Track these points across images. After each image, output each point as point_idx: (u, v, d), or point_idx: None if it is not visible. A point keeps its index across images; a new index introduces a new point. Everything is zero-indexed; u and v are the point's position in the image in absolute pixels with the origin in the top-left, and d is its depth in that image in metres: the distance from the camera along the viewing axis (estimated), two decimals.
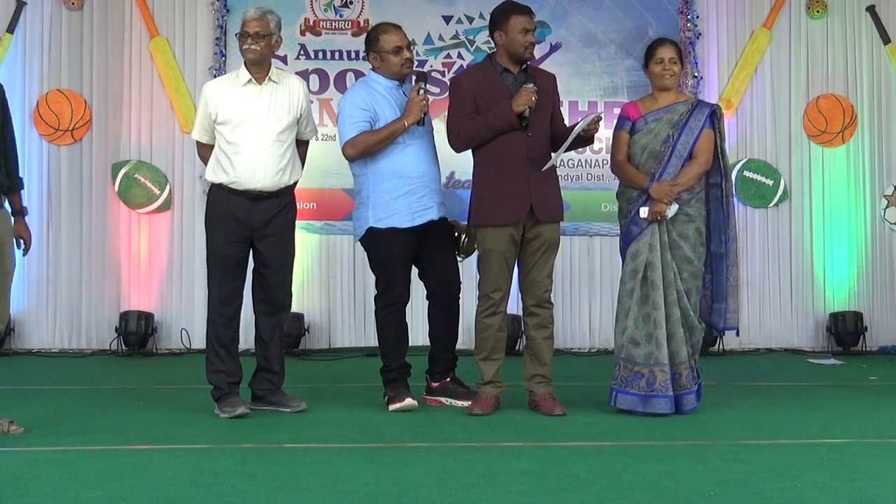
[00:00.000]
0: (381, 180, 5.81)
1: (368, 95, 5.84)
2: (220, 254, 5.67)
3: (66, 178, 8.84)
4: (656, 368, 5.56)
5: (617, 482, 4.08)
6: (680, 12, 9.16)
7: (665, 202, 5.58)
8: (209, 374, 5.71)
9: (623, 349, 5.61)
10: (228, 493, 3.90)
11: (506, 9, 5.73)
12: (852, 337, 9.00)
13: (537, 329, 5.74)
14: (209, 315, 5.74)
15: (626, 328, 5.62)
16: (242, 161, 5.63)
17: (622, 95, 8.83)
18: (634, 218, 5.66)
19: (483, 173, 5.68)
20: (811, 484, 4.04)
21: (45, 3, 8.87)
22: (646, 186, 5.61)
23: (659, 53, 5.73)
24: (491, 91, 5.64)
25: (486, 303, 5.69)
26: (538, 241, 5.67)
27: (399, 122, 5.73)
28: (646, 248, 5.61)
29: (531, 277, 5.72)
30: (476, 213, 5.72)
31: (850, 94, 9.31)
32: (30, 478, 4.12)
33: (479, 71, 5.83)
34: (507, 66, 5.70)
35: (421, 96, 5.74)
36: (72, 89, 8.87)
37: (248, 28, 5.69)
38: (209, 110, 5.70)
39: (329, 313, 8.97)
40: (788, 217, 9.25)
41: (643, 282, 5.60)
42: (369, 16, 8.95)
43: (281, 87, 5.79)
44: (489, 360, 5.73)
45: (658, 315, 5.57)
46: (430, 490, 3.94)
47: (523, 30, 5.64)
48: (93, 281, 8.83)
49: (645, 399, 5.56)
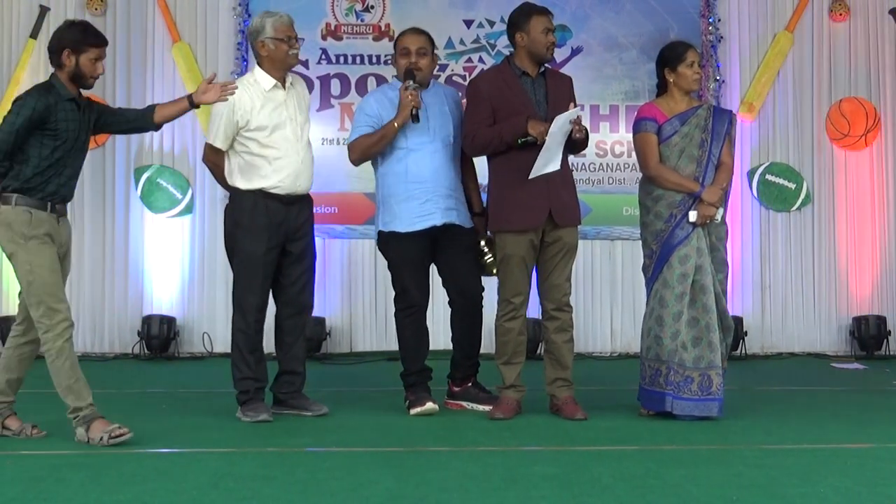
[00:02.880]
0: (387, 185, 5.84)
1: (377, 102, 5.87)
2: (259, 260, 5.64)
3: (89, 182, 8.87)
4: (711, 372, 5.53)
5: (639, 487, 4.07)
6: (701, 15, 9.13)
7: (717, 206, 5.58)
8: (237, 381, 5.69)
9: (676, 354, 5.56)
10: (250, 496, 3.91)
11: (526, 10, 5.72)
12: (875, 341, 8.96)
13: (557, 333, 5.73)
14: (241, 322, 5.68)
15: (678, 332, 5.56)
16: (285, 165, 5.64)
17: (643, 99, 8.78)
18: (681, 222, 5.61)
19: (501, 179, 5.66)
20: (834, 489, 4.02)
21: (69, 9, 8.90)
22: (697, 191, 5.59)
23: (689, 57, 5.70)
24: (509, 96, 5.63)
25: (506, 307, 5.68)
26: (557, 245, 5.66)
27: (389, 124, 5.73)
28: (694, 252, 5.57)
29: (551, 281, 5.70)
30: (495, 219, 5.71)
31: (873, 96, 9.26)
32: (52, 481, 4.14)
33: (496, 74, 5.81)
34: (526, 70, 5.69)
35: (407, 94, 5.69)
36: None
37: (292, 32, 5.72)
38: (236, 118, 5.62)
39: (350, 317, 8.98)
40: (811, 221, 9.21)
41: (691, 286, 5.58)
42: (390, 20, 8.97)
43: (297, 89, 5.84)
44: (510, 364, 5.72)
45: (710, 319, 5.54)
46: (451, 494, 3.94)
47: (545, 30, 5.63)
48: (115, 285, 8.86)
49: (701, 403, 5.54)
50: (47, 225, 4.99)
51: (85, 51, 5.02)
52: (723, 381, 5.56)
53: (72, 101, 5.04)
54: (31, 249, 4.93)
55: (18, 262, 4.96)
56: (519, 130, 5.50)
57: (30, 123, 4.91)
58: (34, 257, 4.93)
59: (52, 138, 4.97)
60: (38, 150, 4.97)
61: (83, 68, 5.03)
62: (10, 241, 4.97)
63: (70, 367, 4.93)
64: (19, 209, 4.95)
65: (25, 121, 4.90)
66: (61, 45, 5.04)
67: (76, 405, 4.95)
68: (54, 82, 5.05)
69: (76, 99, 5.08)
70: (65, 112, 5.00)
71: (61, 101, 4.99)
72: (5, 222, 4.96)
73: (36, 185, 4.97)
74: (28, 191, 4.96)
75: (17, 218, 4.94)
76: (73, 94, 5.07)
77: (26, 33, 8.89)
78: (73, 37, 5.05)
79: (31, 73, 8.84)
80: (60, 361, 4.91)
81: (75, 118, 5.05)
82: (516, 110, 5.58)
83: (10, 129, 4.92)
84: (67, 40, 5.03)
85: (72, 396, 4.95)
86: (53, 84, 5.04)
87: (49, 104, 4.94)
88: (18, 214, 4.95)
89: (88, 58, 5.03)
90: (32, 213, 4.96)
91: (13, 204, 4.96)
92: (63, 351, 4.91)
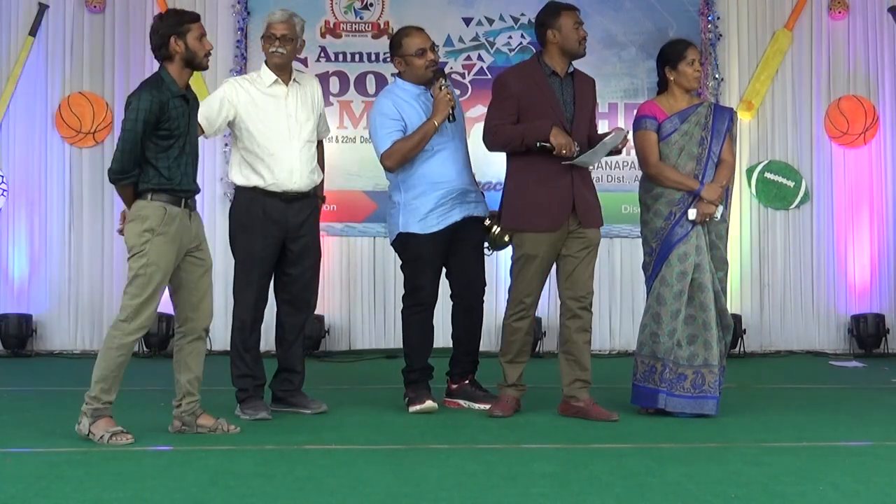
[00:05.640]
0: (412, 187, 5.80)
1: (394, 104, 5.80)
2: (258, 256, 5.66)
3: (88, 180, 8.89)
4: (705, 370, 5.55)
5: (638, 485, 4.07)
6: (700, 13, 9.13)
7: (716, 204, 5.58)
8: (235, 379, 5.72)
9: (672, 352, 5.57)
10: (249, 494, 3.92)
11: (554, 8, 5.67)
12: (874, 339, 8.96)
13: (579, 332, 5.66)
14: (239, 319, 5.72)
15: (675, 330, 5.57)
16: (279, 163, 5.64)
17: (642, 97, 8.79)
18: (681, 220, 5.62)
19: (524, 177, 5.60)
20: (833, 487, 4.03)
21: (68, 6, 8.92)
22: (697, 189, 5.59)
23: (690, 55, 5.70)
24: (537, 95, 5.57)
25: (517, 307, 5.64)
26: (582, 242, 5.60)
27: (429, 123, 5.68)
28: (693, 250, 5.58)
29: (575, 276, 5.61)
30: (515, 217, 5.63)
31: (872, 95, 9.26)
32: (52, 478, 4.14)
33: (527, 71, 5.71)
34: (556, 69, 5.62)
35: (444, 92, 5.69)
36: (94, 92, 8.92)
37: (276, 31, 5.70)
38: (223, 108, 5.66)
39: (349, 315, 8.98)
40: (810, 219, 9.21)
41: (689, 283, 5.59)
42: (389, 18, 8.97)
43: (303, 87, 5.82)
44: (514, 364, 5.70)
45: (708, 316, 5.55)
46: (450, 492, 3.95)
47: (576, 24, 5.60)
48: (114, 282, 8.85)
49: (694, 400, 5.56)
50: (178, 222, 4.99)
51: (189, 30, 5.00)
52: (717, 379, 5.58)
53: (181, 97, 5.03)
54: (156, 245, 4.93)
55: (137, 254, 4.95)
56: (542, 135, 5.45)
57: (146, 125, 4.89)
58: (155, 255, 4.93)
59: (167, 138, 4.95)
60: (158, 150, 4.95)
61: (193, 48, 5.00)
62: (137, 234, 4.95)
63: (119, 364, 4.96)
64: (155, 204, 4.96)
65: (144, 124, 4.88)
66: (165, 34, 5.00)
67: (99, 395, 4.95)
68: (164, 76, 5.02)
69: (184, 94, 5.06)
70: (175, 109, 4.97)
71: (172, 98, 4.97)
72: (140, 216, 4.96)
73: (165, 183, 4.96)
74: (161, 189, 4.97)
75: (152, 213, 4.95)
76: (182, 89, 5.04)
77: (25, 31, 8.89)
78: (172, 21, 5.04)
79: (30, 70, 8.85)
80: (116, 353, 4.95)
81: (185, 113, 5.03)
82: (543, 111, 5.53)
83: (134, 139, 4.90)
84: (168, 27, 5.01)
85: (101, 386, 4.95)
86: (163, 79, 5.01)
87: (162, 101, 4.91)
88: (154, 209, 4.95)
89: (194, 36, 5.01)
90: (167, 208, 4.97)
91: (149, 199, 4.97)
92: (124, 347, 4.96)
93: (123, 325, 4.98)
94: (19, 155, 8.91)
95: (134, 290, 4.97)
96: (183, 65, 5.02)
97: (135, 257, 4.97)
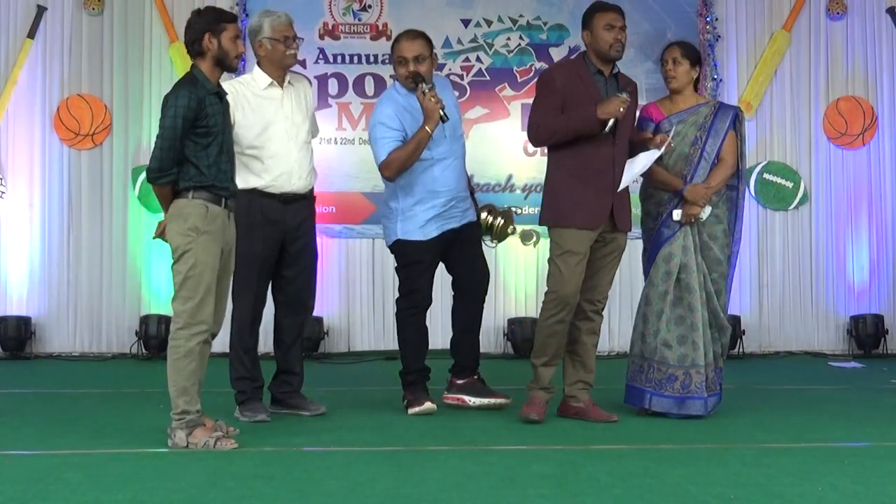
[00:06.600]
0: (410, 196, 5.79)
1: (395, 111, 5.77)
2: (257, 257, 5.64)
3: (87, 182, 8.88)
4: (692, 370, 5.55)
5: (637, 486, 4.07)
6: (699, 15, 9.13)
7: (700, 204, 5.57)
8: (234, 381, 5.72)
9: (657, 352, 5.59)
10: (248, 496, 3.92)
11: (592, 8, 5.59)
12: (873, 340, 8.97)
13: (589, 335, 5.65)
14: (238, 321, 5.70)
15: (658, 330, 5.59)
16: (278, 165, 5.63)
17: (641, 98, 8.75)
18: (666, 220, 5.63)
19: (567, 175, 5.50)
20: (831, 487, 4.03)
21: (66, 9, 8.91)
22: (680, 189, 5.59)
23: (664, 56, 5.76)
24: (582, 91, 5.48)
25: (560, 307, 5.45)
26: (612, 246, 5.58)
27: (423, 131, 5.65)
28: (679, 250, 5.59)
29: (596, 280, 5.58)
30: (558, 213, 5.52)
31: (870, 95, 9.26)
32: (51, 481, 4.14)
33: (572, 68, 5.65)
34: (600, 68, 5.57)
35: (428, 97, 5.63)
36: (92, 94, 8.91)
37: (290, 32, 5.70)
38: None
39: (348, 317, 8.97)
40: (809, 219, 9.21)
41: (676, 284, 5.59)
42: (388, 19, 8.96)
43: (296, 88, 5.82)
44: (549, 366, 5.58)
45: (695, 318, 5.55)
46: (449, 493, 3.95)
47: (608, 25, 5.47)
48: (113, 285, 8.86)
49: (681, 401, 5.57)
50: (220, 221, 4.95)
51: (224, 29, 4.99)
52: (704, 380, 5.56)
53: (216, 94, 5.01)
54: (201, 244, 4.86)
55: (184, 255, 4.87)
56: (588, 119, 5.36)
57: (186, 122, 4.84)
58: (201, 254, 4.86)
59: (205, 135, 4.91)
60: (198, 148, 4.90)
61: (226, 48, 4.99)
62: (181, 233, 4.87)
63: (192, 371, 4.86)
64: (196, 202, 4.89)
65: (183, 120, 4.84)
66: (200, 30, 4.98)
67: (186, 408, 4.87)
68: (197, 75, 5.00)
69: (218, 92, 5.05)
70: (212, 106, 4.95)
71: (208, 95, 4.94)
72: (182, 214, 4.89)
73: (205, 181, 4.91)
74: (202, 186, 4.91)
75: (194, 211, 4.88)
76: (215, 87, 5.03)
77: (24, 33, 8.88)
78: (210, 18, 5.04)
79: (28, 73, 8.84)
80: (186, 362, 4.86)
81: (220, 111, 5.01)
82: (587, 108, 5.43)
83: (174, 135, 4.84)
84: (204, 24, 5.00)
85: (184, 399, 4.87)
86: (197, 77, 4.99)
87: (199, 98, 4.88)
88: (195, 207, 4.89)
89: (228, 37, 4.99)
90: (209, 207, 4.91)
91: (190, 197, 4.90)
92: (192, 352, 4.86)
93: (183, 333, 4.87)
94: (18, 157, 8.90)
95: (186, 294, 4.86)
96: (213, 63, 5.01)
97: (182, 259, 4.86)
